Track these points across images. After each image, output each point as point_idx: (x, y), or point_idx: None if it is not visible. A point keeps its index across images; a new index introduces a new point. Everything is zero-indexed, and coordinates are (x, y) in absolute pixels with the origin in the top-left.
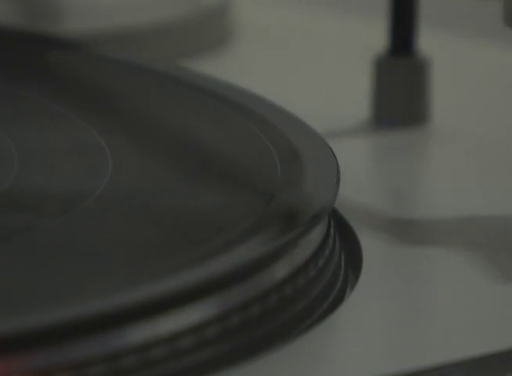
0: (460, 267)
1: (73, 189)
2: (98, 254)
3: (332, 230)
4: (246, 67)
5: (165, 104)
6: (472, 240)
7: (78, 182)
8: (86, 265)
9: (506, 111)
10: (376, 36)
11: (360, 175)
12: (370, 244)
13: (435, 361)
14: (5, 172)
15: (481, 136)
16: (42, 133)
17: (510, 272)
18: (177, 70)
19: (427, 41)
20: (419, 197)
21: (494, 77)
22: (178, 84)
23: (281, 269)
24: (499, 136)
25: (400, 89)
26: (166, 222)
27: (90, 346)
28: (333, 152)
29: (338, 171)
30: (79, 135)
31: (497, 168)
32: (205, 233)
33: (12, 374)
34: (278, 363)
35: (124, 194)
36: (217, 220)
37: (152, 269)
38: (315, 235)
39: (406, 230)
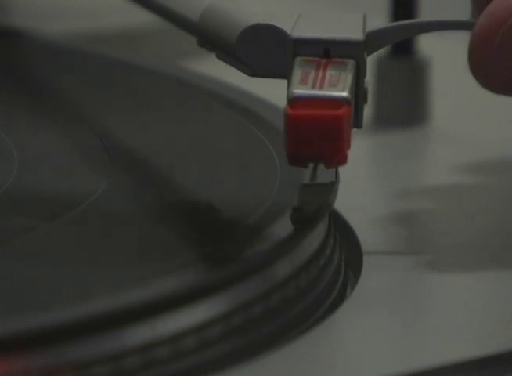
0: (460, 267)
1: (73, 189)
2: (98, 255)
3: (332, 230)
4: None
5: (165, 104)
6: (472, 239)
7: (78, 183)
8: (86, 266)
9: (505, 111)
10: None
11: (360, 174)
12: (370, 244)
13: (436, 362)
14: (5, 173)
15: (481, 136)
16: (42, 133)
17: (510, 272)
18: (177, 70)
19: (427, 41)
20: (419, 197)
21: None
22: (178, 84)
23: (282, 270)
24: (499, 136)
25: (400, 90)
26: (166, 222)
27: (92, 346)
28: None
29: (338, 171)
30: (79, 135)
31: (496, 168)
32: (204, 234)
33: (13, 374)
34: (278, 363)
35: (123, 195)
36: (217, 220)
37: (152, 269)
38: (316, 235)
39: (406, 230)
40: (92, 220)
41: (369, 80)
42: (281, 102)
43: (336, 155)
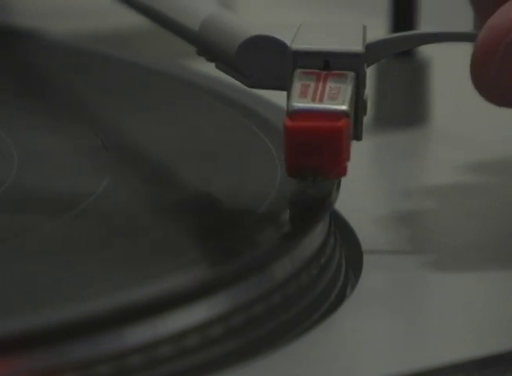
0: (460, 267)
1: (73, 189)
2: (98, 254)
3: (332, 230)
4: None
5: (166, 103)
6: (472, 239)
7: (78, 182)
8: (86, 266)
9: (505, 112)
10: (376, 36)
11: (360, 174)
12: (370, 244)
13: (436, 362)
14: (5, 172)
15: (481, 136)
16: (42, 133)
17: (510, 272)
18: (178, 70)
19: None
20: (419, 197)
21: None
22: (180, 84)
23: (282, 269)
24: (499, 136)
25: (400, 90)
26: (166, 223)
27: (92, 346)
28: None
29: None
30: (79, 135)
31: (497, 168)
32: (205, 233)
33: (13, 374)
34: (278, 363)
35: (123, 194)
36: (216, 220)
37: (153, 269)
38: (316, 235)
39: (406, 230)
40: (92, 220)
41: (370, 80)
42: (282, 101)
43: (335, 167)
